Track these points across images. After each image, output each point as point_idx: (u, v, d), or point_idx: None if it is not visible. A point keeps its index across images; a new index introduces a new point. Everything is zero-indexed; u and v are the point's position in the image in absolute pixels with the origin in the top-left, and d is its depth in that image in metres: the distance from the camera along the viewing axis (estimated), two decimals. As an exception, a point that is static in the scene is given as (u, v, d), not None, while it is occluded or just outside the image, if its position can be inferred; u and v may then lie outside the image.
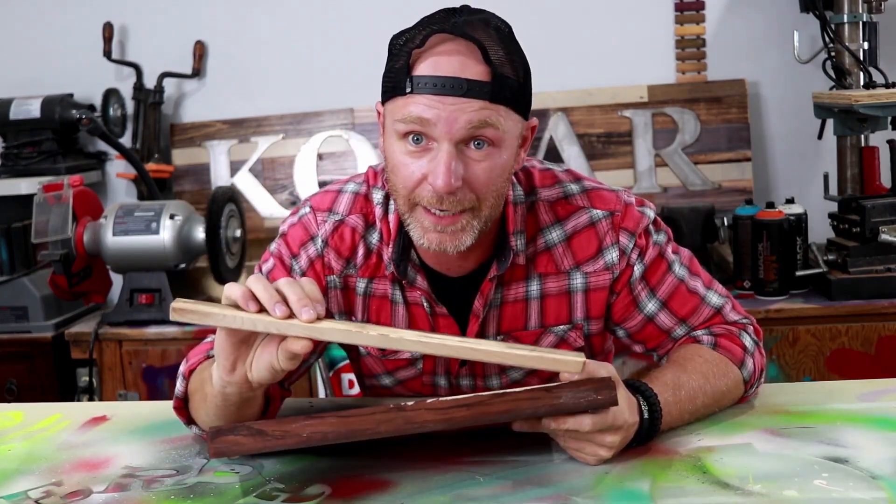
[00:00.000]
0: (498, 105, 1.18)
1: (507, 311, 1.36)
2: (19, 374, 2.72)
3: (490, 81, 1.16)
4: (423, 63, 1.17)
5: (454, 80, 1.15)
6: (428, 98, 1.16)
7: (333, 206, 1.38)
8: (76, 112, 2.76)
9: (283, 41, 3.05)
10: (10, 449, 1.30)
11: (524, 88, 1.23)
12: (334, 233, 1.36)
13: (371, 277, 1.37)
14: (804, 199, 2.67)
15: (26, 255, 2.84)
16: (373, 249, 1.36)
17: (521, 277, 1.34)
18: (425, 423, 1.05)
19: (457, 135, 1.16)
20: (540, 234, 1.34)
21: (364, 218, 1.36)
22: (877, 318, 2.37)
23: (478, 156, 1.19)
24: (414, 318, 1.37)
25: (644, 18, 2.93)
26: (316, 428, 1.04)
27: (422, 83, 1.16)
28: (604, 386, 1.07)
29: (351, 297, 1.38)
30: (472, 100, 1.16)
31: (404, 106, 1.18)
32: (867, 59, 2.61)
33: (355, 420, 1.05)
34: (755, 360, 1.33)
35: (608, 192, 1.36)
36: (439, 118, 1.16)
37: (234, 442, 1.05)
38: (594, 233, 1.34)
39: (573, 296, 1.35)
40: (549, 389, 1.07)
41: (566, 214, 1.34)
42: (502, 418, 1.07)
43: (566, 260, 1.34)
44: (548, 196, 1.35)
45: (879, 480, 1.04)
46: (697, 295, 1.37)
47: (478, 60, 1.16)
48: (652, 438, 1.18)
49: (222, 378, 1.11)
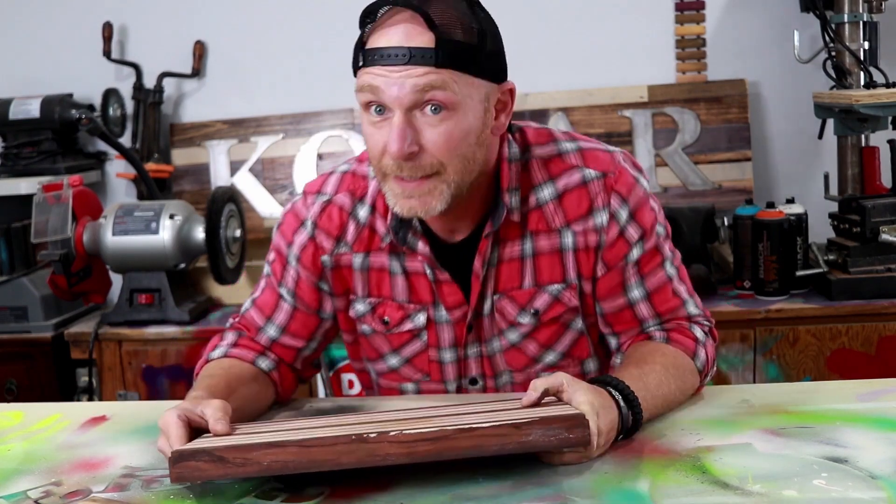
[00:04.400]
0: (446, 69, 1.20)
1: (503, 270, 1.37)
2: (19, 374, 2.71)
3: (434, 47, 1.19)
4: (373, 36, 1.23)
5: (397, 49, 1.20)
6: (377, 69, 1.21)
7: (322, 187, 1.43)
8: (76, 112, 2.76)
9: (283, 41, 3.05)
10: (9, 449, 1.30)
11: (481, 51, 1.23)
12: (322, 214, 1.41)
13: (367, 251, 1.40)
14: (804, 199, 2.66)
15: (26, 255, 2.84)
16: (364, 224, 1.39)
17: (516, 236, 1.36)
18: (387, 457, 1.02)
19: (405, 101, 1.20)
20: (532, 191, 1.35)
21: (351, 194, 1.40)
22: (877, 318, 2.37)
23: (433, 121, 1.21)
24: (414, 288, 1.39)
25: (644, 18, 2.93)
26: (277, 457, 1.03)
27: (370, 56, 1.22)
28: (576, 424, 1.05)
29: (347, 274, 1.42)
30: (417, 66, 1.19)
31: (360, 77, 1.23)
32: (867, 59, 2.61)
33: (317, 451, 1.03)
34: (707, 350, 1.37)
35: (603, 153, 1.37)
36: (388, 85, 1.20)
37: (195, 468, 1.04)
38: (585, 192, 1.34)
39: (565, 254, 1.36)
40: (518, 426, 1.04)
41: (558, 172, 1.35)
42: (468, 454, 1.04)
43: (557, 218, 1.35)
44: (541, 153, 1.37)
45: (879, 480, 1.04)
46: (680, 298, 1.40)
47: (424, 30, 1.19)
48: (637, 429, 1.19)
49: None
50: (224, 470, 1.04)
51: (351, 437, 1.03)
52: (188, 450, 1.05)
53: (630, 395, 1.19)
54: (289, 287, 1.44)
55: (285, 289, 1.44)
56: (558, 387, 1.15)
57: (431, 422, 1.08)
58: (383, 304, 1.42)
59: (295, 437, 1.05)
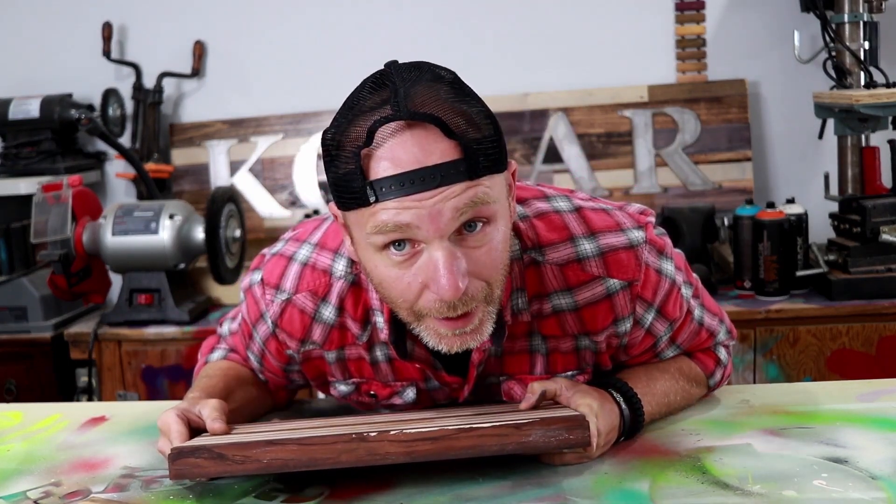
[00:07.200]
0: (479, 179, 1.00)
1: (509, 360, 1.24)
2: (18, 375, 2.71)
3: (464, 157, 0.99)
4: (378, 164, 0.99)
5: (423, 172, 0.98)
6: (399, 202, 0.98)
7: (281, 281, 1.24)
8: (75, 112, 2.76)
9: (283, 41, 3.05)
10: (9, 449, 1.30)
11: (497, 141, 1.03)
12: (282, 315, 1.24)
13: (340, 347, 1.25)
14: (805, 199, 2.67)
15: (25, 256, 2.84)
16: (332, 325, 1.23)
17: (524, 332, 1.21)
18: (387, 455, 1.02)
19: (446, 230, 1.00)
20: (547, 298, 1.19)
21: (312, 295, 1.22)
22: (877, 318, 2.37)
23: (475, 241, 1.03)
24: (400, 371, 1.26)
25: (644, 18, 2.93)
26: (277, 455, 1.02)
27: (385, 187, 0.98)
28: (576, 425, 1.04)
29: (321, 364, 1.28)
30: (450, 186, 0.99)
31: (373, 216, 1.00)
32: (868, 59, 2.61)
33: (317, 449, 1.02)
34: (725, 371, 1.36)
35: (626, 253, 1.18)
36: (420, 219, 0.99)
37: (194, 464, 1.04)
38: (610, 306, 1.19)
39: (582, 352, 1.24)
40: (518, 426, 1.03)
41: (578, 282, 1.18)
42: (467, 454, 1.03)
43: (575, 326, 1.21)
44: (557, 258, 1.18)
45: (879, 481, 1.04)
46: (713, 337, 1.35)
47: (440, 138, 0.99)
48: (638, 430, 1.19)
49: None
50: (224, 467, 1.04)
51: (351, 436, 1.03)
52: (188, 447, 1.05)
53: (633, 396, 1.18)
54: (256, 355, 1.34)
55: (253, 355, 1.35)
56: (556, 391, 1.15)
57: (432, 422, 1.08)
58: (368, 383, 1.29)
59: (295, 435, 1.05)
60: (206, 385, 1.30)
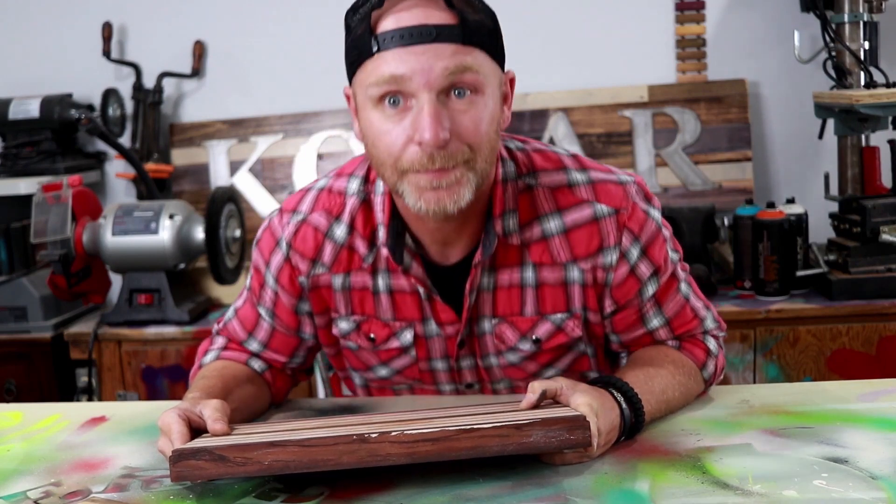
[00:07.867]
0: (472, 48, 1.12)
1: (501, 295, 1.32)
2: (18, 375, 2.71)
3: (459, 24, 1.11)
4: (385, 20, 1.12)
5: (421, 28, 1.10)
6: (397, 52, 1.11)
7: (298, 205, 1.35)
8: (75, 112, 2.76)
9: (283, 41, 3.05)
10: (9, 449, 1.30)
11: (495, 33, 1.17)
12: (296, 234, 1.33)
13: (347, 272, 1.33)
14: (805, 199, 2.67)
15: (25, 256, 2.84)
16: (342, 244, 1.32)
17: (516, 262, 1.30)
18: (388, 457, 1.02)
19: (435, 83, 1.11)
20: (537, 221, 1.28)
21: (327, 213, 1.32)
22: (877, 318, 2.37)
23: (462, 105, 1.13)
24: (399, 306, 1.34)
25: (644, 18, 2.93)
26: (278, 456, 1.03)
27: (387, 38, 1.11)
28: (577, 426, 1.05)
29: (327, 294, 1.36)
30: (444, 44, 1.11)
31: (375, 68, 1.12)
32: (868, 59, 2.61)
33: (318, 450, 1.03)
34: (717, 363, 1.37)
35: (615, 186, 1.29)
36: (413, 70, 1.10)
37: (195, 467, 1.04)
38: (596, 230, 1.27)
39: (570, 286, 1.31)
40: (519, 427, 1.03)
41: (567, 205, 1.28)
42: (468, 454, 1.03)
43: (563, 252, 1.29)
44: (549, 182, 1.28)
45: (879, 481, 1.04)
46: (698, 318, 1.38)
47: (441, 7, 1.12)
48: (639, 429, 1.19)
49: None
50: (225, 469, 1.04)
51: (352, 437, 1.03)
52: (189, 449, 1.05)
53: (633, 396, 1.18)
54: (267, 307, 1.40)
55: (264, 308, 1.41)
56: (556, 390, 1.15)
57: (432, 422, 1.08)
58: (368, 321, 1.36)
59: (296, 436, 1.05)
60: (204, 385, 1.30)
